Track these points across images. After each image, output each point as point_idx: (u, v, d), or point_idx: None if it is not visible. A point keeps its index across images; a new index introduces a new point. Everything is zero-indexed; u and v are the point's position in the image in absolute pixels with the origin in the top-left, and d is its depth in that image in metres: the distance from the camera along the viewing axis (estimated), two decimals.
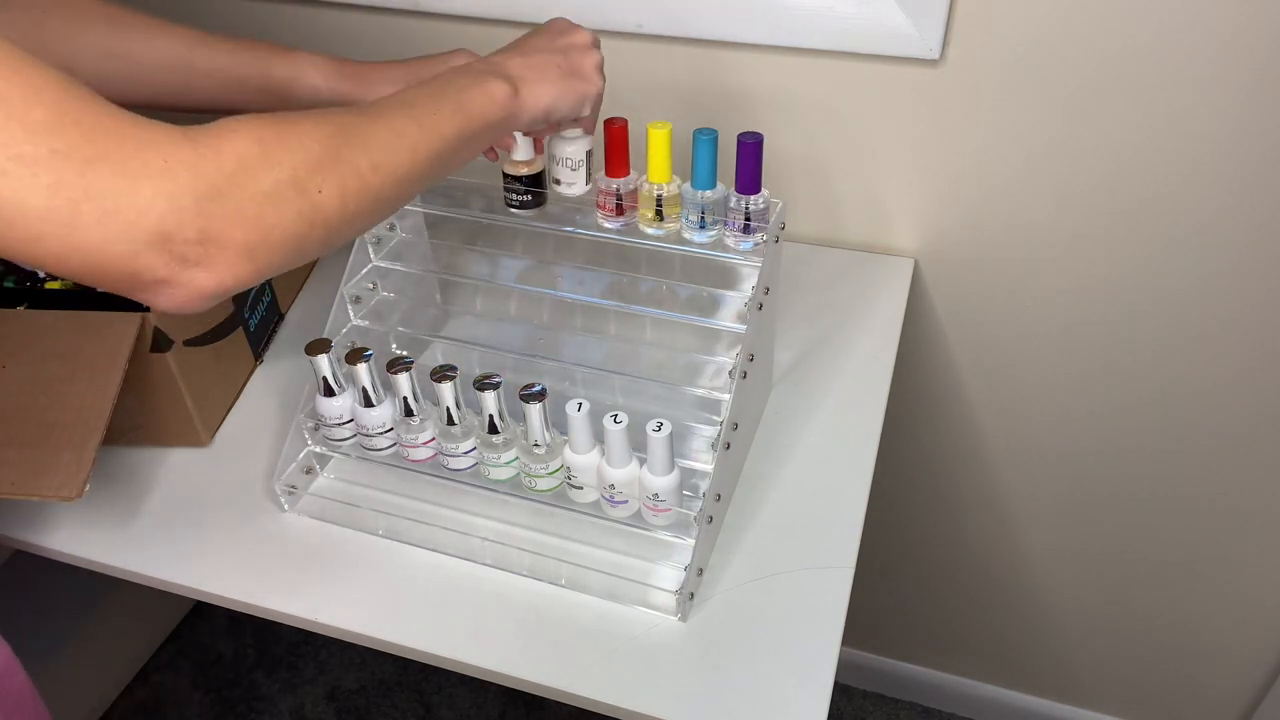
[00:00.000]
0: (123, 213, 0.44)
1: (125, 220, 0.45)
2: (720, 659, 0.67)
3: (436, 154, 0.58)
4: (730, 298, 0.75)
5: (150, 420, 0.83)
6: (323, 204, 0.51)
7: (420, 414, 0.74)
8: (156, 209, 0.45)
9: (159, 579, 0.75)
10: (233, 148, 0.48)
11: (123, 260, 0.45)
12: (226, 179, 0.47)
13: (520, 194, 0.76)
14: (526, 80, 0.64)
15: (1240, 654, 1.23)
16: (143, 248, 0.45)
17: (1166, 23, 0.80)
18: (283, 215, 0.50)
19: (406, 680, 1.55)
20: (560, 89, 0.66)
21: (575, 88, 0.68)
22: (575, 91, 0.68)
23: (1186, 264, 0.93)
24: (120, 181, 0.44)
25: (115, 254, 0.45)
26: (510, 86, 0.63)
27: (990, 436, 1.14)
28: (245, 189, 0.48)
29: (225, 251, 0.48)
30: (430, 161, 0.58)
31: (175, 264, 0.47)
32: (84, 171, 0.43)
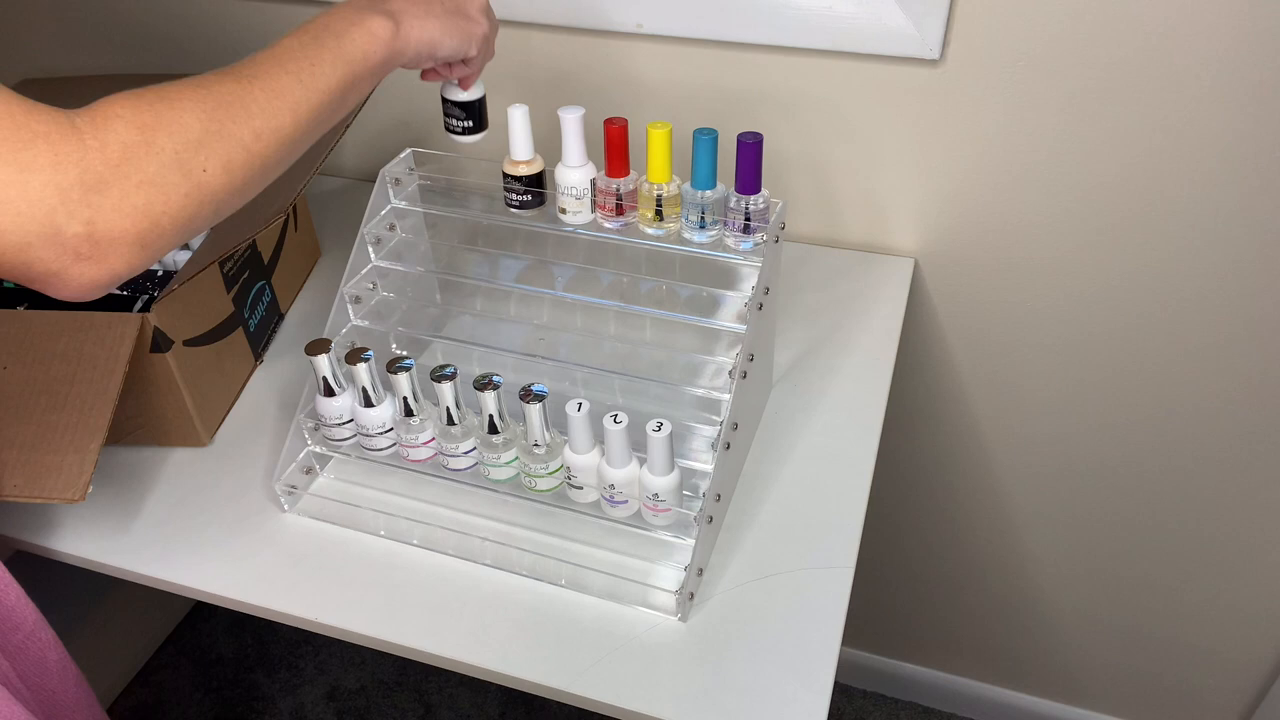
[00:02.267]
0: (14, 204, 0.46)
1: (16, 211, 0.46)
2: (720, 659, 0.67)
3: (320, 107, 0.58)
4: (730, 298, 0.75)
5: (150, 420, 0.83)
6: (208, 182, 0.52)
7: (420, 414, 0.74)
8: (46, 202, 0.46)
9: (159, 579, 0.75)
10: (117, 137, 0.48)
11: (14, 251, 0.46)
12: (112, 170, 0.48)
13: (520, 194, 0.76)
14: (408, 14, 0.63)
15: (1239, 655, 1.23)
16: (34, 239, 0.46)
17: (1168, 23, 0.80)
18: (170, 200, 0.50)
19: (406, 680, 1.55)
20: (444, 24, 0.65)
21: (460, 25, 0.66)
22: (460, 29, 0.66)
23: (1187, 265, 0.93)
24: (11, 173, 0.46)
25: (7, 244, 0.46)
26: (391, 22, 0.62)
27: (990, 436, 1.14)
28: (130, 178, 0.48)
29: (115, 244, 0.49)
30: (314, 116, 0.58)
31: (67, 257, 0.48)
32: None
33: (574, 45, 0.99)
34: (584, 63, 1.00)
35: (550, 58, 1.01)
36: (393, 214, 0.82)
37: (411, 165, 0.82)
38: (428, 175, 0.82)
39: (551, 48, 1.00)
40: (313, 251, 1.05)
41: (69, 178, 0.47)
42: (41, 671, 0.73)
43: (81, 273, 0.48)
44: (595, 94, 1.02)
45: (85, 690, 0.78)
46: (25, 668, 0.71)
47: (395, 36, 0.62)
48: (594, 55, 0.99)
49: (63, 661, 0.75)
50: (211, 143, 0.52)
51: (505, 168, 0.76)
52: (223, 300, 0.86)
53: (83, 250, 0.48)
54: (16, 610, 0.70)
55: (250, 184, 0.55)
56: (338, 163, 1.19)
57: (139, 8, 1.14)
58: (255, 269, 0.91)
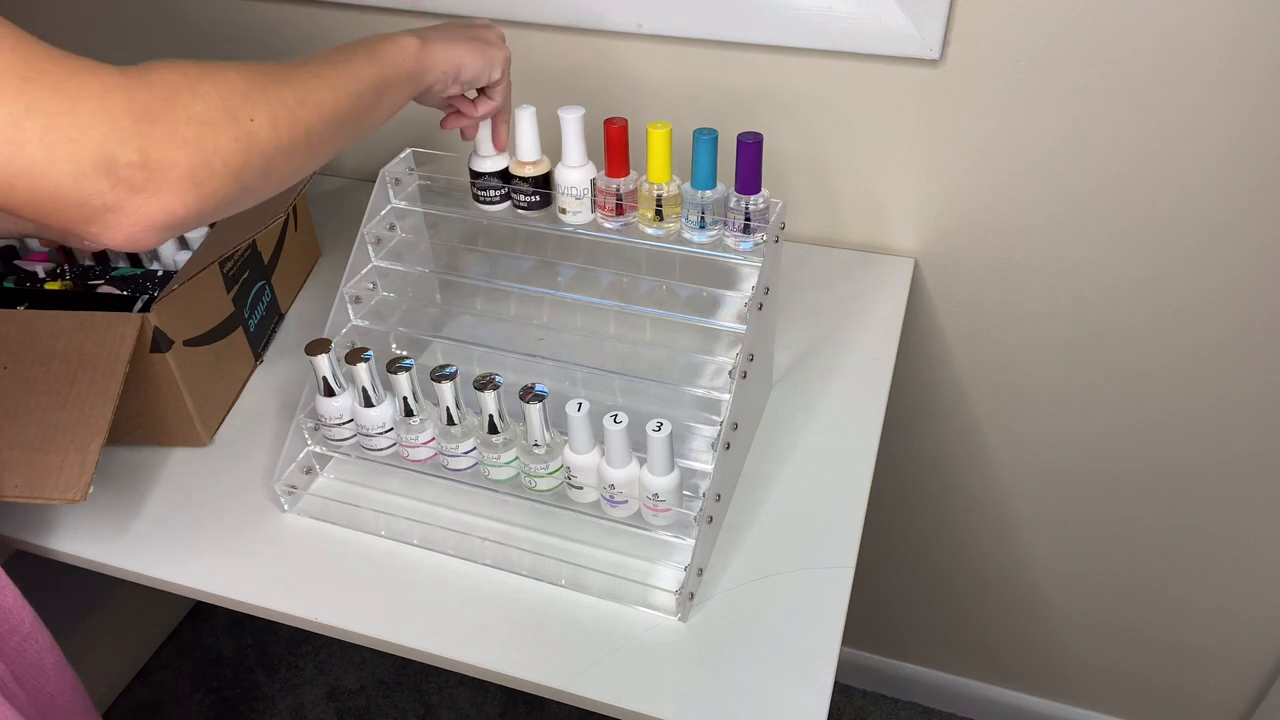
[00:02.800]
0: (64, 130, 0.46)
1: (67, 137, 0.46)
2: (720, 659, 0.67)
3: (356, 95, 0.60)
4: (730, 298, 0.75)
5: (150, 420, 0.83)
6: (256, 132, 0.53)
7: (420, 414, 0.74)
8: (97, 128, 0.46)
9: (159, 579, 0.75)
10: (161, 78, 0.49)
11: (69, 183, 0.46)
12: (160, 102, 0.48)
13: (529, 194, 0.76)
14: (434, 39, 0.67)
15: (1238, 656, 1.23)
16: (88, 168, 0.46)
17: (1169, 23, 0.80)
18: (220, 141, 0.51)
19: (406, 680, 1.55)
20: (468, 47, 0.69)
21: (482, 49, 0.70)
22: (482, 53, 0.70)
23: (1187, 265, 0.93)
24: (59, 100, 0.46)
25: (61, 175, 0.46)
26: (418, 39, 0.65)
27: (990, 436, 1.14)
28: (178, 114, 0.49)
29: (169, 177, 0.48)
30: (352, 101, 0.60)
31: (122, 189, 0.47)
32: (23, 89, 0.45)
33: (574, 45, 0.99)
34: (584, 63, 1.00)
35: (550, 58, 1.01)
36: (393, 214, 0.83)
37: (411, 165, 0.82)
38: (428, 175, 0.82)
39: (551, 48, 1.00)
40: (313, 251, 1.05)
41: (117, 104, 0.47)
42: (38, 674, 0.73)
43: (139, 206, 0.48)
44: (595, 94, 1.02)
45: (82, 694, 0.78)
46: (22, 670, 0.71)
47: (422, 51, 0.65)
48: (594, 55, 0.99)
49: (59, 664, 0.75)
50: (256, 97, 0.53)
51: (512, 168, 0.76)
52: (223, 300, 0.86)
53: (137, 180, 0.48)
54: (14, 612, 0.70)
55: (296, 148, 0.56)
56: (338, 163, 1.19)
57: (141, 8, 1.14)
58: (255, 269, 0.91)
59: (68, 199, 0.47)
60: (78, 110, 0.46)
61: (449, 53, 0.67)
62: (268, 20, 1.08)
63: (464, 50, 0.68)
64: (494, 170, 0.76)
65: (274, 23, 1.08)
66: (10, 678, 0.70)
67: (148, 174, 0.48)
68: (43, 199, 0.46)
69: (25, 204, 0.46)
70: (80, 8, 1.16)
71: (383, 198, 0.81)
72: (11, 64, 0.45)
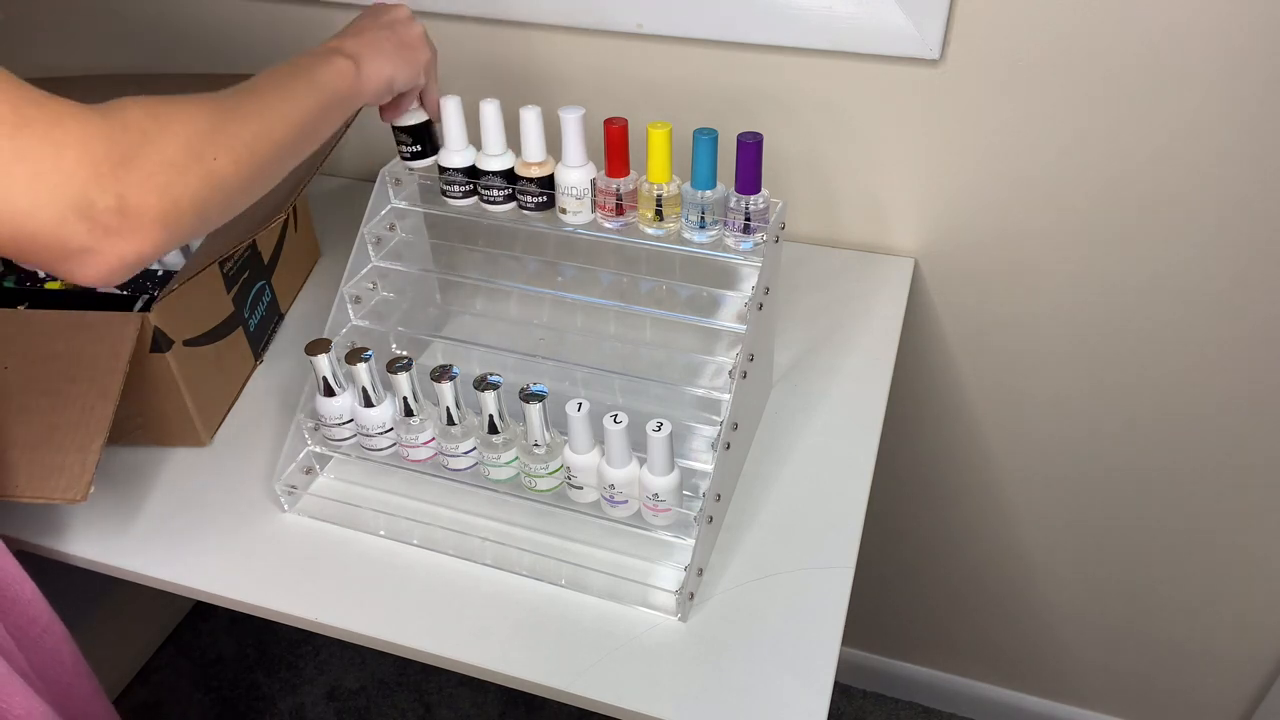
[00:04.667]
0: (49, 176, 0.48)
1: (52, 184, 0.48)
2: (720, 659, 0.67)
3: (303, 124, 0.63)
4: (730, 298, 0.75)
5: (150, 420, 0.83)
6: (218, 170, 0.55)
7: (420, 414, 0.74)
8: (80, 175, 0.48)
9: (159, 579, 0.75)
10: (135, 121, 0.52)
11: (50, 226, 0.48)
12: (135, 148, 0.51)
13: (535, 195, 0.76)
14: (364, 57, 0.68)
15: (1238, 656, 1.23)
16: (69, 213, 0.48)
17: (1170, 23, 0.80)
18: (188, 183, 0.53)
19: (406, 680, 1.55)
20: (396, 61, 0.71)
21: (409, 58, 0.72)
22: (410, 62, 0.72)
23: (1186, 265, 0.93)
24: (47, 147, 0.48)
25: (43, 220, 0.48)
26: (352, 63, 0.67)
27: (990, 436, 1.14)
28: (152, 158, 0.51)
29: (142, 220, 0.51)
30: (301, 130, 0.63)
31: (98, 232, 0.50)
32: (14, 135, 0.47)
33: (574, 45, 0.99)
34: (584, 63, 1.00)
35: (550, 58, 1.01)
36: (393, 214, 0.83)
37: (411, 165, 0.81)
38: (428, 175, 0.82)
39: (551, 48, 1.00)
40: (313, 251, 1.05)
41: (99, 152, 0.49)
42: (56, 665, 0.74)
43: (113, 247, 0.50)
44: (595, 94, 1.02)
45: (96, 685, 0.79)
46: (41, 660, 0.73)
47: (357, 76, 0.68)
48: (594, 55, 0.99)
49: (75, 655, 0.76)
50: (218, 136, 0.56)
51: (518, 169, 0.76)
52: (223, 300, 0.86)
53: (113, 225, 0.50)
54: (32, 604, 0.72)
55: (255, 181, 0.59)
56: (338, 163, 1.19)
57: (141, 8, 1.14)
58: (255, 269, 0.91)
59: (47, 242, 0.49)
60: (63, 157, 0.48)
61: (381, 70, 0.69)
62: (268, 20, 1.08)
63: (392, 65, 0.70)
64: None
65: (274, 23, 1.08)
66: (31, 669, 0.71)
67: (123, 219, 0.50)
68: (23, 240, 0.49)
69: (5, 243, 0.49)
70: (80, 6, 1.16)
71: (383, 198, 0.81)
72: (3, 113, 0.47)
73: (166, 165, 0.52)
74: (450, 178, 0.77)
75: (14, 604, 0.71)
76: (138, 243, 0.51)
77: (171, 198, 0.52)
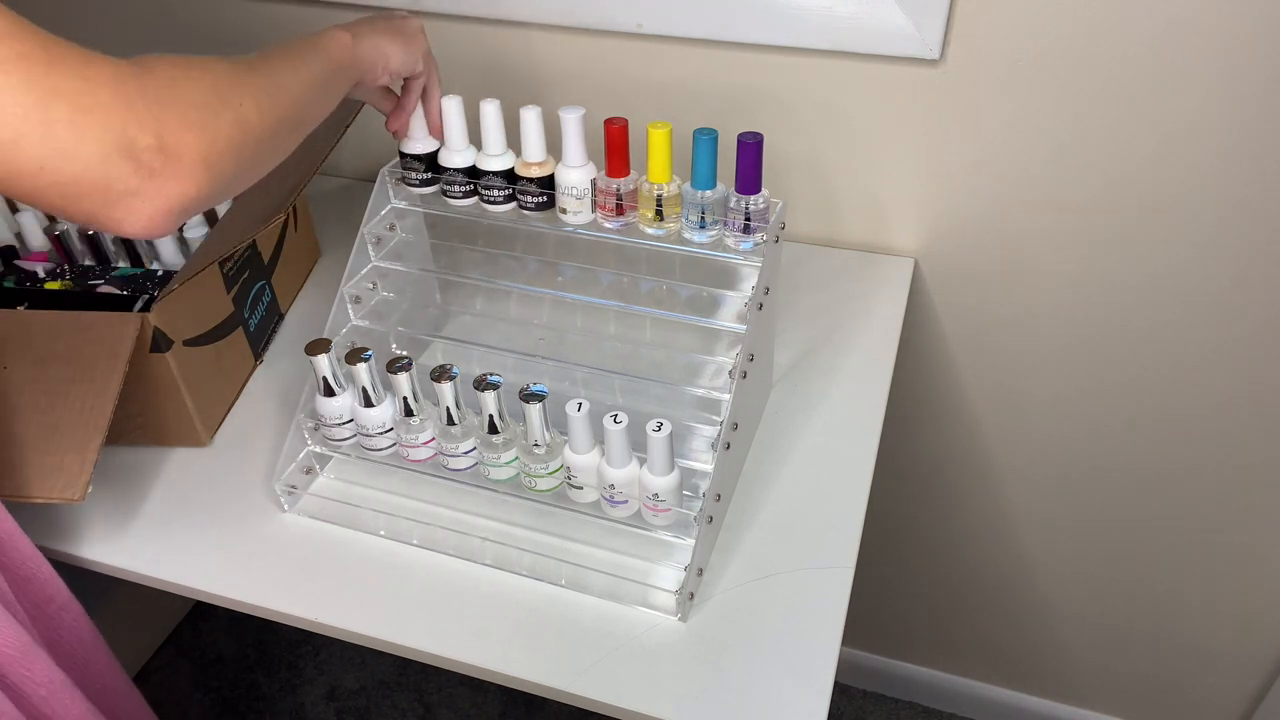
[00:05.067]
0: (90, 112, 0.47)
1: (94, 119, 0.47)
2: (720, 659, 0.67)
3: (310, 84, 0.63)
4: (730, 298, 0.75)
5: (150, 420, 0.83)
6: (247, 116, 0.55)
7: (420, 414, 0.74)
8: (117, 112, 0.48)
9: (159, 579, 0.75)
10: (160, 67, 0.52)
11: (96, 165, 0.48)
12: (165, 88, 0.51)
13: (536, 195, 0.76)
14: (362, 32, 0.70)
15: (1239, 656, 1.23)
16: (112, 151, 0.48)
17: (1170, 23, 0.80)
18: (221, 124, 0.53)
19: (406, 680, 1.55)
20: (392, 40, 0.72)
21: (405, 41, 0.73)
22: (405, 44, 0.73)
23: (1187, 265, 0.93)
24: (81, 83, 0.47)
25: (89, 158, 0.48)
26: (350, 34, 0.69)
27: (990, 436, 1.14)
28: (182, 98, 0.51)
29: (183, 160, 0.51)
30: (309, 91, 0.63)
31: (144, 173, 0.49)
32: (48, 73, 0.46)
33: (574, 45, 0.99)
34: (584, 63, 1.00)
35: (550, 58, 1.01)
36: (393, 214, 0.83)
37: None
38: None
39: (551, 48, 1.00)
40: (313, 251, 1.05)
41: (131, 90, 0.49)
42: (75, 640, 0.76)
43: (159, 190, 0.50)
44: (595, 94, 1.02)
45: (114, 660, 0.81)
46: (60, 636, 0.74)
47: (355, 44, 0.69)
48: (594, 55, 0.99)
49: (93, 632, 0.78)
50: (241, 85, 0.56)
51: (518, 169, 0.76)
52: (223, 300, 0.86)
53: (156, 165, 0.50)
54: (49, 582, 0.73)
55: (278, 134, 0.59)
56: (338, 163, 1.19)
57: (141, 8, 1.14)
58: (255, 269, 0.91)
59: (94, 182, 0.48)
60: (99, 94, 0.48)
61: (377, 45, 0.71)
62: (268, 20, 1.08)
63: (389, 42, 0.72)
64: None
65: (274, 23, 1.08)
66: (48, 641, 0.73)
67: (165, 158, 0.50)
68: (68, 183, 0.48)
69: (51, 188, 0.48)
70: (80, 6, 1.16)
71: (383, 198, 0.81)
72: (32, 49, 0.46)
73: (198, 106, 0.52)
74: (450, 178, 0.77)
75: (30, 582, 0.72)
76: (183, 184, 0.51)
77: (209, 138, 0.52)
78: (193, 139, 0.51)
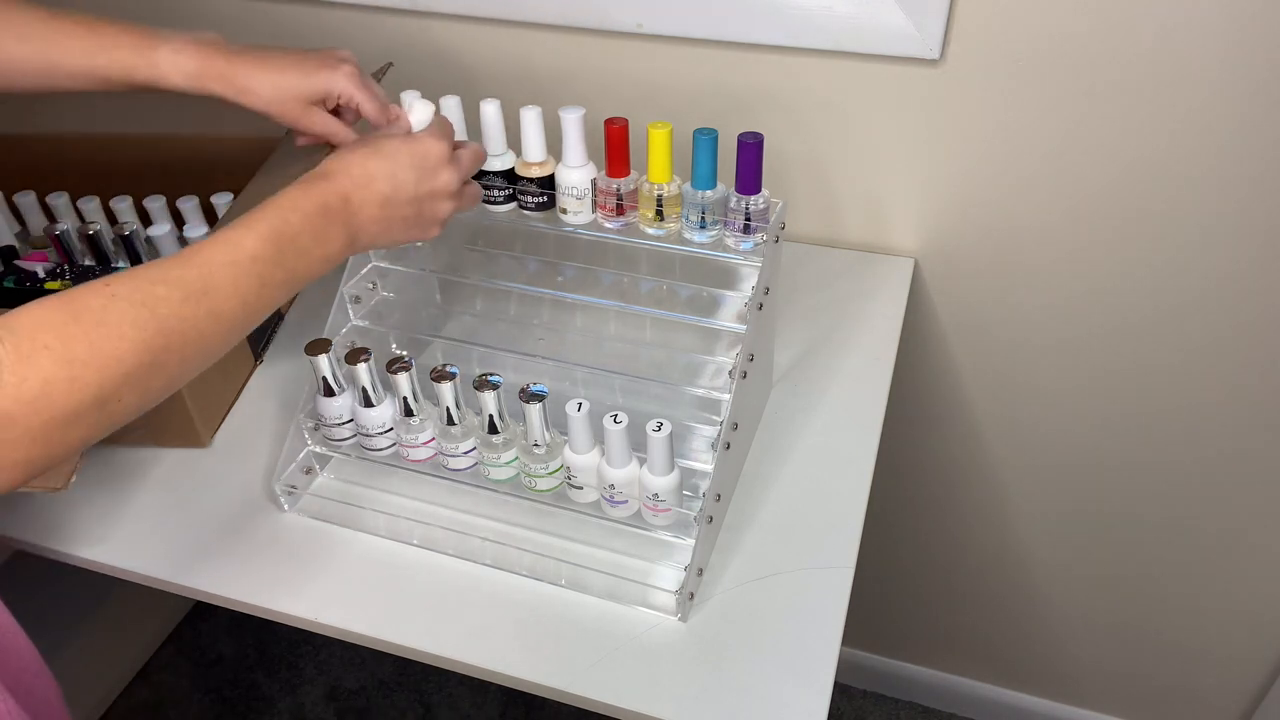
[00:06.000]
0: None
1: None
2: (720, 659, 0.67)
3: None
4: (730, 298, 0.75)
5: (150, 420, 0.82)
6: (118, 412, 0.50)
7: (420, 414, 0.74)
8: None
9: (159, 579, 0.75)
10: (39, 373, 0.46)
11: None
12: (24, 407, 0.45)
13: (536, 195, 0.76)
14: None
15: (1239, 655, 1.23)
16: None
17: (1169, 22, 0.80)
18: (73, 435, 0.48)
19: (406, 680, 1.55)
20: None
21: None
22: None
23: (1187, 263, 0.93)
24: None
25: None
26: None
27: (990, 436, 1.14)
28: (41, 415, 0.46)
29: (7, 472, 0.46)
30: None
31: None
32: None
33: (574, 45, 0.99)
34: (584, 63, 1.00)
35: (550, 58, 1.01)
36: None
37: None
38: None
39: (551, 48, 1.00)
40: None
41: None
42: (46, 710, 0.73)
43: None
44: (595, 94, 1.02)
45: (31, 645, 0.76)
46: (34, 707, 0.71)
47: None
48: (594, 55, 0.99)
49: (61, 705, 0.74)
50: (139, 378, 0.50)
51: (518, 169, 0.76)
52: None
53: None
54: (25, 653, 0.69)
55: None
56: None
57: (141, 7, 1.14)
58: None
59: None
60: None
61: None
62: (268, 20, 1.08)
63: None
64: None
65: (274, 23, 1.08)
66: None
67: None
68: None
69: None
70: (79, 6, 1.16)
71: None
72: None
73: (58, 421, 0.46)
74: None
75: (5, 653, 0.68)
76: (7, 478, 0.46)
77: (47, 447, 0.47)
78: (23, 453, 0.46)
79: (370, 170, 0.63)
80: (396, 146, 0.65)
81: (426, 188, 0.65)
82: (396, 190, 0.64)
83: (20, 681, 0.70)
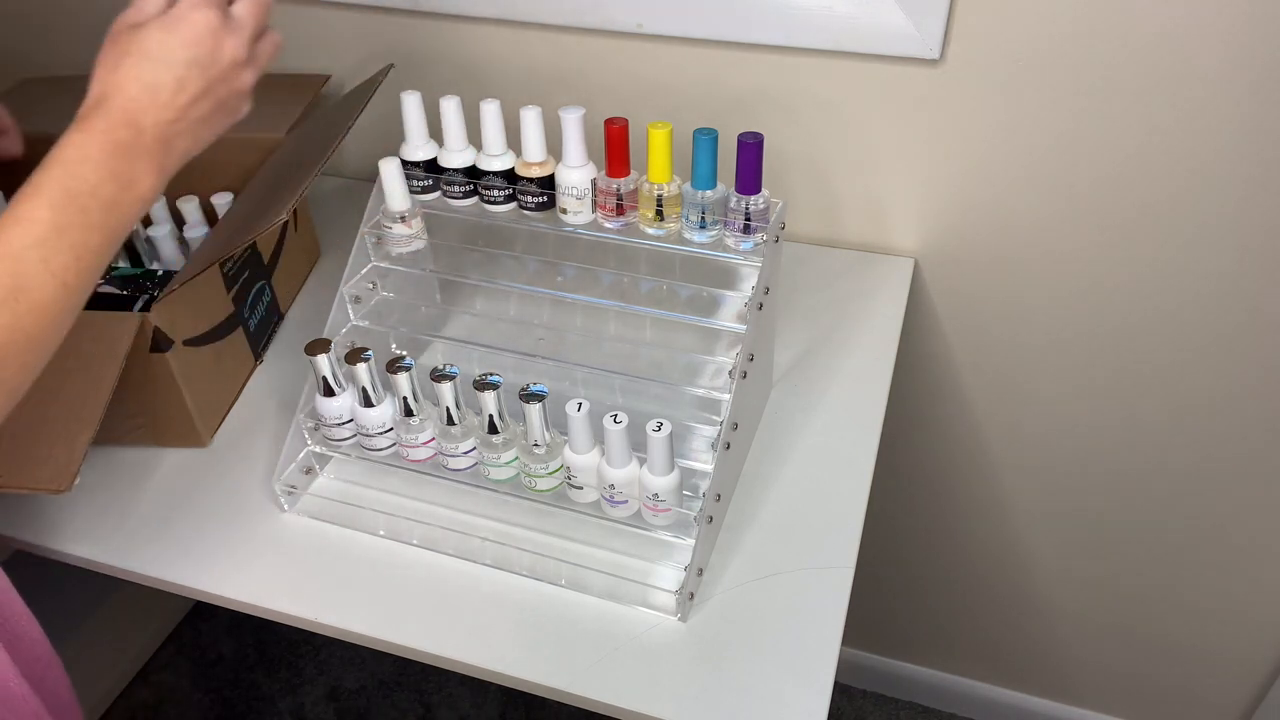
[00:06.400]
0: None
1: None
2: (720, 659, 0.67)
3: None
4: (730, 298, 0.75)
5: (150, 420, 0.83)
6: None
7: (420, 414, 0.74)
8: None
9: (159, 579, 0.75)
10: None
11: None
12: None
13: (536, 195, 0.76)
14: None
15: (1239, 655, 1.23)
16: None
17: (1169, 22, 0.80)
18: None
19: (406, 680, 1.55)
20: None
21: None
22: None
23: (1187, 263, 0.93)
24: None
25: None
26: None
27: (990, 436, 1.14)
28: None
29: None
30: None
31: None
32: None
33: (574, 45, 0.99)
34: (584, 63, 1.00)
35: (550, 58, 1.01)
36: None
37: None
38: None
39: (551, 48, 1.00)
40: (313, 251, 1.05)
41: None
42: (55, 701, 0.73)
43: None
44: (595, 94, 1.02)
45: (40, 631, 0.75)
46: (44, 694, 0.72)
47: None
48: (594, 55, 0.99)
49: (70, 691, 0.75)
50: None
51: (518, 169, 0.76)
52: (223, 300, 0.86)
53: None
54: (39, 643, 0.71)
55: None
56: (338, 163, 1.19)
57: None
58: (255, 269, 0.91)
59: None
60: None
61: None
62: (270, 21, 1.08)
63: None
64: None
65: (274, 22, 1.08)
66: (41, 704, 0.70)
67: None
68: None
69: None
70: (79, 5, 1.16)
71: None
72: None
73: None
74: (450, 178, 0.77)
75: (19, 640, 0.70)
76: None
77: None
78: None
79: (146, 79, 0.54)
80: (160, 39, 0.55)
81: (215, 70, 0.57)
82: (183, 88, 0.55)
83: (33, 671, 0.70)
